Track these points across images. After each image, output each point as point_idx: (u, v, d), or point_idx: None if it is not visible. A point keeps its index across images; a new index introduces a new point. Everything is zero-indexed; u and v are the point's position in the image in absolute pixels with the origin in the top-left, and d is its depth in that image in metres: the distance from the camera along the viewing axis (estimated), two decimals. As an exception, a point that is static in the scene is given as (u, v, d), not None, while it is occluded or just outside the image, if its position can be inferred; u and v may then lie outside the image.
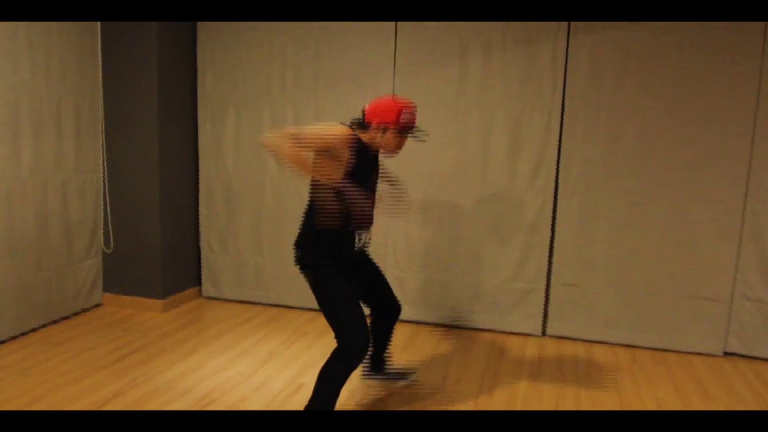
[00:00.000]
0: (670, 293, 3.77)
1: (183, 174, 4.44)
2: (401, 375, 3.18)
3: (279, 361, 3.51)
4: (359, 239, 2.64)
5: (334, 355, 2.56)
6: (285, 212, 4.36)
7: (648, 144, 3.68)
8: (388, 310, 2.95)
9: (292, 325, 4.11)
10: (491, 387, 3.22)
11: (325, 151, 2.46)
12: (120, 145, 4.23)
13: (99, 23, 4.13)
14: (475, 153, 3.95)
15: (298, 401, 2.99)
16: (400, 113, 2.55)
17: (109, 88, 4.20)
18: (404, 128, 2.58)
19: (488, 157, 3.93)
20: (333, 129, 2.45)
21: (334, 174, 2.48)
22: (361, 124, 2.60)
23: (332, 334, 3.96)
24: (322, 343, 3.80)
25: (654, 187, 3.70)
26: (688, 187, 3.66)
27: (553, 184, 3.86)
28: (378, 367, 3.16)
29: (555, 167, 3.85)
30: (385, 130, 2.56)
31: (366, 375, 3.19)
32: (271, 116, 4.29)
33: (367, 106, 2.60)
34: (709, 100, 3.57)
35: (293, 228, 4.32)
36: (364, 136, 2.59)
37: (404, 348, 3.76)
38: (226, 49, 4.34)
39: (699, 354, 3.78)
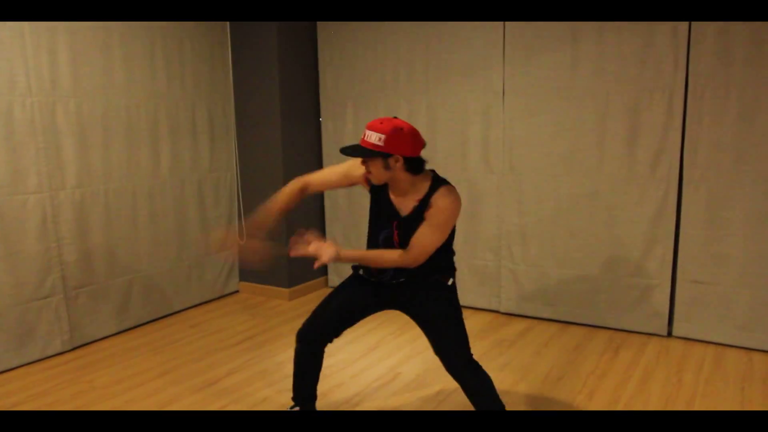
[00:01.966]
0: (820, 293, 3.30)
1: (307, 170, 4.61)
2: None
3: (383, 350, 3.60)
4: (368, 272, 2.46)
5: None
6: None
7: None
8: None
9: (404, 317, 4.18)
10: (594, 388, 3.05)
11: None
12: (250, 145, 4.57)
13: (229, 38, 4.50)
14: (591, 141, 3.73)
15: (391, 389, 3.06)
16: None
17: (239, 94, 4.56)
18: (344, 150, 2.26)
19: (604, 145, 3.70)
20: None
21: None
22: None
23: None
24: (430, 335, 3.82)
25: (798, 172, 3.27)
26: (842, 172, 3.18)
27: (677, 172, 3.54)
28: (310, 402, 2.69)
29: (679, 153, 3.52)
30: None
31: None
32: (386, 111, 4.39)
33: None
34: None
35: None
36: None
37: (513, 343, 3.67)
38: (344, 50, 4.51)
39: None
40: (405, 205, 2.34)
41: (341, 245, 4.70)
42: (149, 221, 4.07)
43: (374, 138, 2.21)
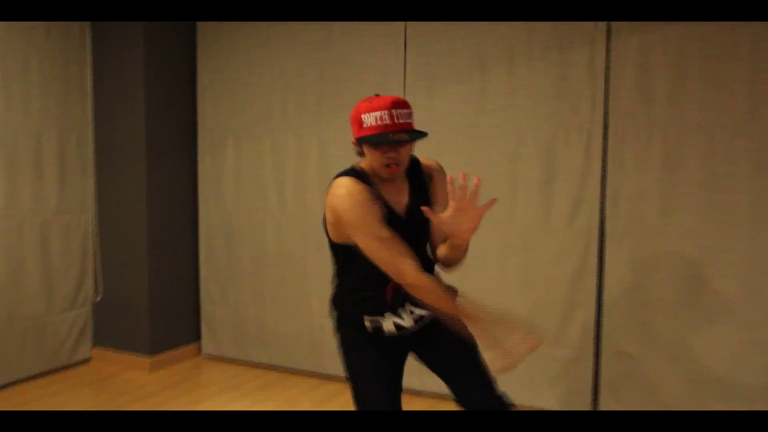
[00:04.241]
0: (764, 371, 3.25)
1: (179, 213, 4.52)
2: None
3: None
4: (392, 325, 2.30)
5: None
6: (288, 257, 4.30)
7: (718, 171, 3.24)
8: (473, 402, 2.36)
9: (287, 394, 3.97)
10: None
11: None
12: (110, 182, 4.38)
13: (89, 57, 4.34)
14: (500, 186, 3.66)
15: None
16: (360, 117, 2.15)
17: (100, 123, 4.39)
18: (370, 138, 2.12)
19: (516, 191, 3.65)
20: (341, 197, 2.14)
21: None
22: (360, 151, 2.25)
23: (327, 406, 3.79)
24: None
25: (729, 227, 3.24)
26: (777, 228, 3.17)
27: (597, 224, 3.50)
28: None
29: (599, 203, 3.49)
30: (359, 145, 2.20)
31: None
32: (272, 147, 4.29)
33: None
34: (798, 113, 3.10)
35: (297, 276, 4.28)
36: (364, 165, 2.26)
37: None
38: (225, 73, 4.41)
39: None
40: (398, 201, 2.26)
41: (217, 304, 4.57)
42: (-29, 273, 3.80)
43: (408, 115, 2.16)
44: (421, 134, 2.14)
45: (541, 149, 3.57)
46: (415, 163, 2.33)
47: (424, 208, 2.01)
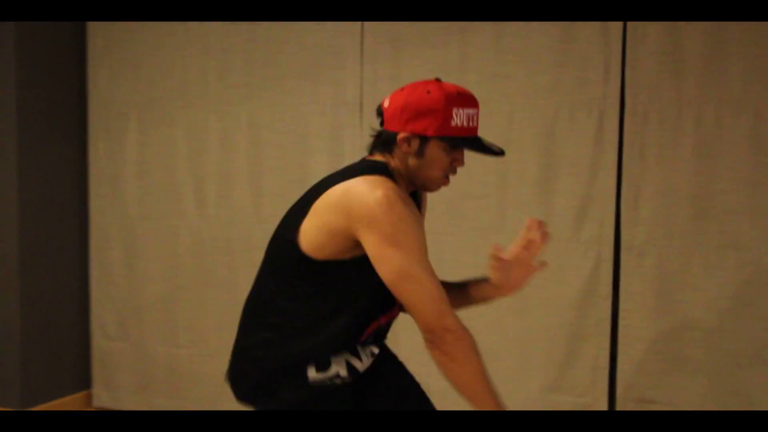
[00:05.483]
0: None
1: (63, 219, 4.48)
2: None
3: None
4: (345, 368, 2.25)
5: None
6: (209, 276, 4.25)
7: (767, 162, 3.25)
8: None
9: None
10: None
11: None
12: None
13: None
14: (486, 181, 3.66)
15: None
16: (448, 110, 2.09)
17: None
18: (458, 136, 2.12)
19: (506, 189, 3.65)
20: (379, 198, 2.02)
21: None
22: (385, 141, 2.18)
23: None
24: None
25: (784, 235, 3.28)
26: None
27: (612, 232, 3.51)
28: None
29: (614, 204, 3.50)
30: (423, 143, 2.13)
31: None
32: (188, 130, 4.26)
33: (386, 102, 2.20)
34: None
35: (221, 301, 4.24)
36: (392, 162, 2.21)
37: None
38: (127, 35, 4.38)
39: None
40: None
41: (113, 339, 4.49)
42: None
43: None
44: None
45: (538, 133, 3.59)
46: None
47: (494, 247, 2.22)
